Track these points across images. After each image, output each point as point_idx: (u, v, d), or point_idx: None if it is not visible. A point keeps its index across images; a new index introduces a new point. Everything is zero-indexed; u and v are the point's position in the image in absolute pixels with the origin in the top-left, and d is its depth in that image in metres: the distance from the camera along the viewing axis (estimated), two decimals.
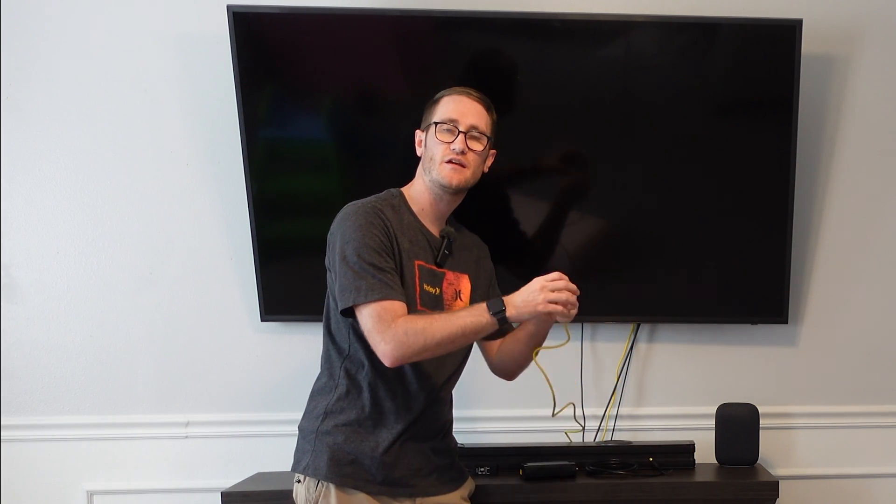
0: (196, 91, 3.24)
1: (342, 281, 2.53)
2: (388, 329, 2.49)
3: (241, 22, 3.07)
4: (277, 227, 3.20)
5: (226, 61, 3.12)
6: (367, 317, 2.51)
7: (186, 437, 3.33)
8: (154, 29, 3.22)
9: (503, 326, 2.57)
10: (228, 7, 3.06)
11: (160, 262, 3.29)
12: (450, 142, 2.62)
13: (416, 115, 2.74)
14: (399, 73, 3.15)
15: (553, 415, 2.95)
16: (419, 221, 2.66)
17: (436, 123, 2.64)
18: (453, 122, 2.63)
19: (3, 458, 3.28)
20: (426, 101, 2.72)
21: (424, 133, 2.68)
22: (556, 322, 2.62)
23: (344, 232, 2.56)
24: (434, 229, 2.69)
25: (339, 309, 2.56)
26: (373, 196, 2.66)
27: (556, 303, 2.50)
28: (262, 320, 3.27)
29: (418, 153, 2.70)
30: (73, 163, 3.25)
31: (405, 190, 2.71)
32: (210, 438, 3.33)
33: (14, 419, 3.28)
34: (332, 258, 2.59)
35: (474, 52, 3.16)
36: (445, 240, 2.68)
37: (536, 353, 2.72)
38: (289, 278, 3.22)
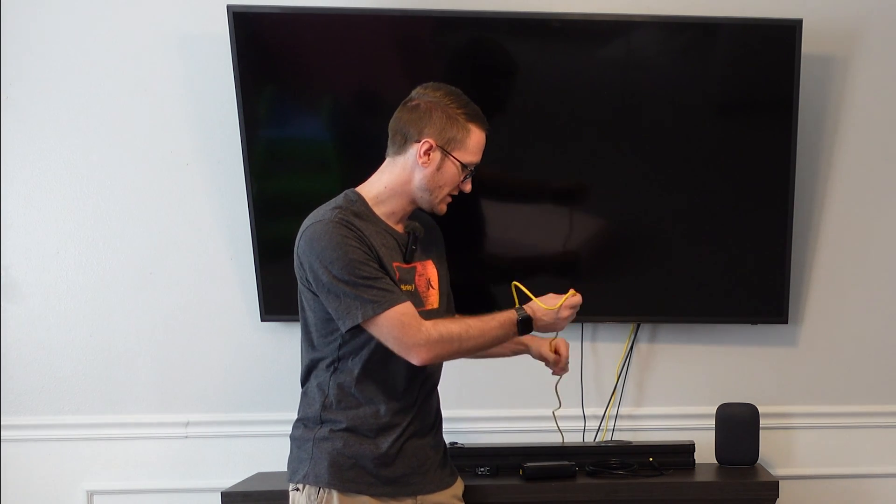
0: (196, 91, 3.24)
1: (343, 301, 2.50)
2: (418, 333, 2.51)
3: (241, 22, 3.07)
4: (277, 227, 3.19)
5: (226, 61, 3.12)
6: (389, 327, 2.50)
7: (186, 437, 3.33)
8: (154, 29, 3.22)
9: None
10: (228, 7, 3.06)
11: (160, 262, 3.29)
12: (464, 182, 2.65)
13: None
14: (399, 73, 3.15)
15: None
16: (384, 223, 2.62)
17: (469, 169, 2.62)
18: (475, 165, 2.64)
19: (3, 458, 3.28)
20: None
21: (443, 156, 2.58)
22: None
23: (321, 254, 2.51)
24: (399, 226, 2.65)
25: (346, 328, 2.53)
26: (330, 204, 2.59)
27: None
28: (262, 320, 3.27)
29: (421, 163, 2.58)
30: (73, 163, 3.25)
31: (363, 192, 2.63)
32: (210, 438, 3.33)
33: (14, 419, 3.28)
34: (311, 279, 2.55)
35: (474, 53, 3.16)
36: (411, 235, 2.65)
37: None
38: (289, 278, 3.18)
